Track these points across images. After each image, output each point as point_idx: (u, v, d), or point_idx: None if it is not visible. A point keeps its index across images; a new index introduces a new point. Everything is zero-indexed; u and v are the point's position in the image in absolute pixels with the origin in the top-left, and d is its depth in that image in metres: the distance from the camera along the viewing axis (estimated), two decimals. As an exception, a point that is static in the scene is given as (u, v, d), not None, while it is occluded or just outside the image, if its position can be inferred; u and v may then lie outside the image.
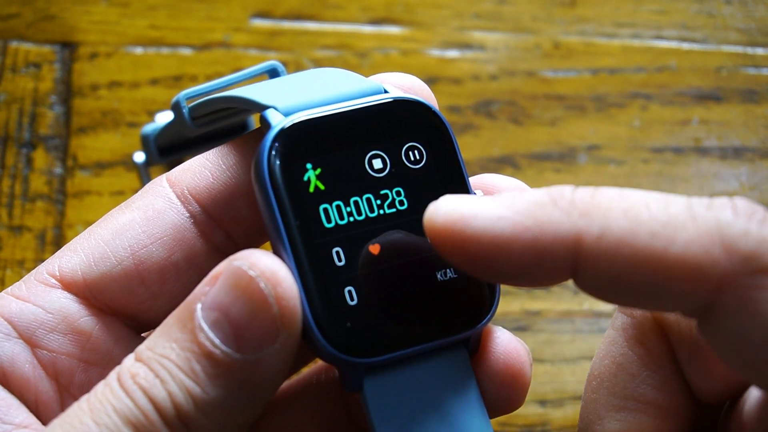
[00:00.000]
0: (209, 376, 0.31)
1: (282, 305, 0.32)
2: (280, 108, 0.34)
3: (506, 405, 0.36)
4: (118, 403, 0.31)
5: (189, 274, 0.36)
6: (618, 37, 0.64)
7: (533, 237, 0.30)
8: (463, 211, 0.31)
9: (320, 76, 0.37)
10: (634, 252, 0.30)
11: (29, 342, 0.35)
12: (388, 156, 0.35)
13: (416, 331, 0.34)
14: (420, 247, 0.34)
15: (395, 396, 0.34)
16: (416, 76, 0.38)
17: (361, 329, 0.33)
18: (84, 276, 0.36)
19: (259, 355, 0.32)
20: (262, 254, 0.32)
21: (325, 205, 0.34)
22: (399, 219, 0.34)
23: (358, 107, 0.35)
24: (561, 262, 0.30)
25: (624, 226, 0.30)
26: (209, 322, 0.32)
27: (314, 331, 0.33)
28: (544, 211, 0.30)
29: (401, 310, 0.34)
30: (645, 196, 0.30)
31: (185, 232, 0.36)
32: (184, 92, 0.39)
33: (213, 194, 0.36)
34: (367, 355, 0.33)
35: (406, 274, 0.34)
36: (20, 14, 0.61)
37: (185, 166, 0.37)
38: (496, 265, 0.31)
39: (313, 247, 0.33)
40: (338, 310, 0.33)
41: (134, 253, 0.36)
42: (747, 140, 0.61)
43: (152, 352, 0.32)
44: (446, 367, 0.35)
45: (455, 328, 0.34)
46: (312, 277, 0.33)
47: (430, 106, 0.35)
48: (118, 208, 0.37)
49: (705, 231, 0.29)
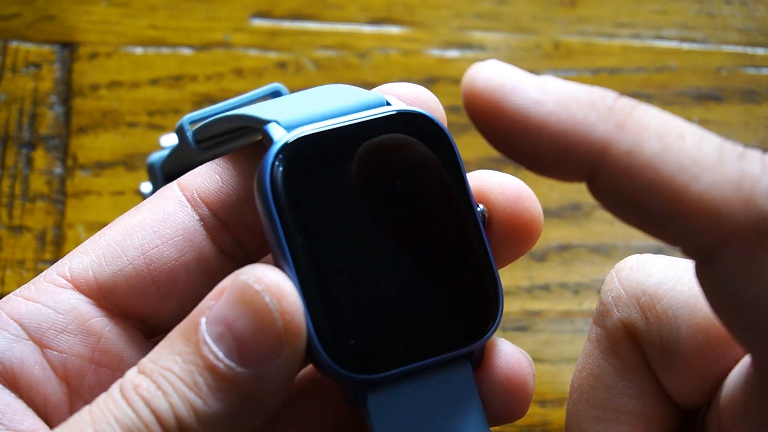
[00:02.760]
0: (212, 389, 0.31)
1: (286, 320, 0.32)
2: (281, 122, 0.34)
3: (508, 416, 0.36)
4: (120, 414, 0.31)
5: (199, 276, 0.36)
6: (618, 37, 0.64)
7: (563, 131, 0.30)
8: (504, 83, 0.31)
9: (322, 91, 0.37)
10: (658, 178, 0.29)
11: (39, 343, 0.35)
12: None
13: (420, 346, 0.34)
14: (426, 259, 0.34)
15: (398, 411, 0.34)
16: (417, 77, 0.38)
17: (365, 345, 0.33)
18: (95, 276, 0.36)
19: (263, 370, 0.32)
20: (268, 269, 0.32)
21: (328, 220, 0.34)
22: (402, 232, 0.34)
23: (360, 121, 0.34)
24: (582, 162, 0.30)
25: (655, 150, 0.30)
26: (213, 335, 0.32)
27: (317, 347, 0.33)
28: (581, 109, 0.30)
29: (406, 325, 0.34)
30: (683, 127, 0.30)
31: (195, 234, 0.36)
32: (188, 116, 0.39)
33: (222, 199, 0.37)
34: (371, 371, 0.33)
35: (410, 289, 0.34)
36: (20, 14, 0.61)
37: (196, 171, 0.37)
38: (520, 144, 0.31)
39: (315, 263, 0.33)
40: (342, 327, 0.33)
41: (145, 253, 0.36)
42: (747, 140, 0.61)
43: (155, 365, 0.32)
44: (449, 380, 0.35)
45: (459, 341, 0.34)
46: (315, 294, 0.33)
47: (432, 119, 0.35)
48: (128, 212, 0.37)
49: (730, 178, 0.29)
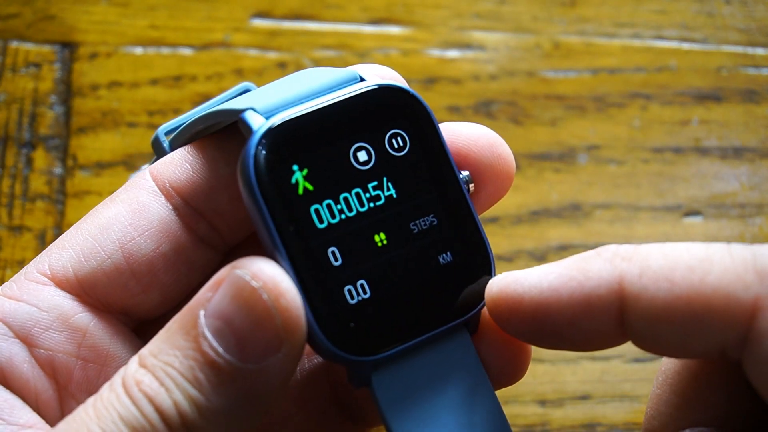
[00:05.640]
0: (213, 384, 0.31)
1: (285, 316, 0.32)
2: (258, 108, 0.34)
3: (510, 377, 0.36)
4: (124, 411, 0.31)
5: (178, 265, 0.37)
6: (618, 37, 0.64)
7: (579, 284, 0.32)
8: (515, 275, 0.33)
9: (295, 76, 0.36)
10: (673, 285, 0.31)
11: (25, 341, 0.35)
12: (372, 147, 0.35)
13: (419, 321, 0.34)
14: (416, 233, 0.34)
15: (403, 386, 0.34)
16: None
17: (365, 327, 0.33)
18: (75, 272, 0.36)
19: (263, 365, 0.32)
20: (265, 263, 0.32)
21: (316, 205, 0.34)
22: (390, 210, 0.34)
23: (337, 100, 0.34)
24: (608, 306, 0.31)
25: (663, 264, 0.31)
26: (212, 330, 0.32)
27: (318, 334, 0.33)
28: (588, 262, 0.32)
29: (402, 302, 0.34)
30: (688, 244, 0.32)
31: (171, 224, 0.37)
32: (162, 127, 0.39)
33: (194, 187, 0.37)
34: (374, 352, 0.34)
35: (405, 265, 0.34)
36: (20, 14, 0.61)
37: (167, 159, 0.37)
38: (547, 320, 0.32)
39: (308, 250, 0.33)
40: (340, 311, 0.33)
41: (123, 246, 0.36)
42: (747, 140, 0.61)
43: (156, 359, 0.32)
44: (450, 350, 0.35)
45: (456, 312, 0.35)
46: (311, 282, 0.33)
47: (408, 90, 0.35)
48: (102, 203, 0.37)
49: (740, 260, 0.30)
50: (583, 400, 0.55)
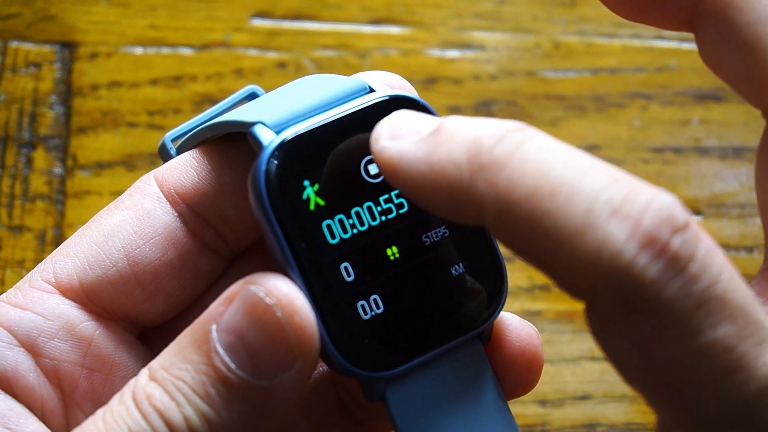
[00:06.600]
0: (224, 400, 0.31)
1: (299, 334, 0.31)
2: (267, 123, 0.34)
3: (522, 388, 0.36)
4: (134, 425, 0.31)
5: (183, 272, 0.36)
6: (618, 37, 0.64)
7: (444, 194, 0.30)
8: (391, 152, 0.31)
9: (302, 84, 0.36)
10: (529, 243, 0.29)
11: (31, 350, 0.35)
12: None
13: (433, 334, 0.34)
14: (428, 247, 0.34)
15: (417, 399, 0.34)
16: (417, 77, 0.38)
17: (379, 343, 0.33)
18: (80, 280, 0.36)
19: (275, 381, 0.31)
20: (278, 280, 0.32)
21: (328, 221, 0.33)
22: (401, 223, 0.34)
23: (348, 113, 0.34)
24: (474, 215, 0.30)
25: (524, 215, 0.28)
26: (224, 345, 0.31)
27: (332, 351, 0.33)
28: (453, 173, 0.30)
29: (416, 315, 0.34)
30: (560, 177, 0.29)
31: (176, 232, 0.36)
32: (169, 134, 0.38)
33: (199, 194, 0.36)
34: (388, 367, 0.33)
35: (418, 279, 0.34)
36: (20, 14, 0.61)
37: (172, 164, 0.37)
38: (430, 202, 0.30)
39: (321, 267, 0.33)
40: (354, 327, 0.33)
41: (128, 255, 0.36)
42: (747, 140, 0.61)
43: (167, 373, 0.32)
44: (463, 361, 0.35)
45: (469, 324, 0.34)
46: (324, 298, 0.33)
47: (419, 100, 0.35)
48: (106, 209, 0.37)
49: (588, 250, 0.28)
50: (583, 400, 0.55)
